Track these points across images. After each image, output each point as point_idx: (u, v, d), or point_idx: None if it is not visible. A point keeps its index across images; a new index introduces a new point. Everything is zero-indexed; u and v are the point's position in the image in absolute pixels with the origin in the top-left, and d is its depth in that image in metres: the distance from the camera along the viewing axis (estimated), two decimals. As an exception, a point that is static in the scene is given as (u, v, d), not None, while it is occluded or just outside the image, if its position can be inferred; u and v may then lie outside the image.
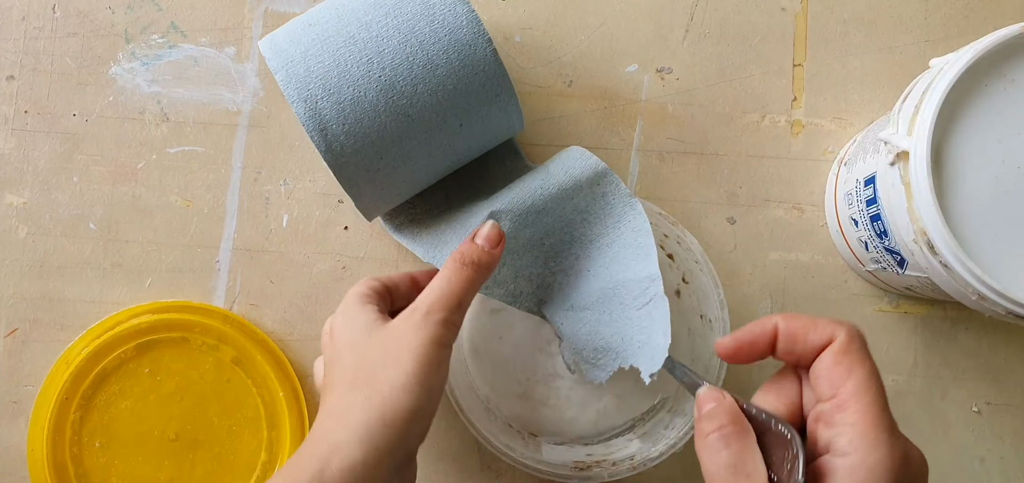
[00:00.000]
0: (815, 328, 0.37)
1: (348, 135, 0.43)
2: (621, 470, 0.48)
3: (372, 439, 0.37)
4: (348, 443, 0.37)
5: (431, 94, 0.43)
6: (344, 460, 0.36)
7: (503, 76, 0.44)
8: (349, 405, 0.38)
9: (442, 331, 0.40)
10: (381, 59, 0.43)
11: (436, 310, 0.40)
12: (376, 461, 0.37)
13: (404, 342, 0.39)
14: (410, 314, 0.40)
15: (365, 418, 0.37)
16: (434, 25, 0.43)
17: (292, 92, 0.42)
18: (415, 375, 0.38)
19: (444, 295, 0.41)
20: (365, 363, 0.40)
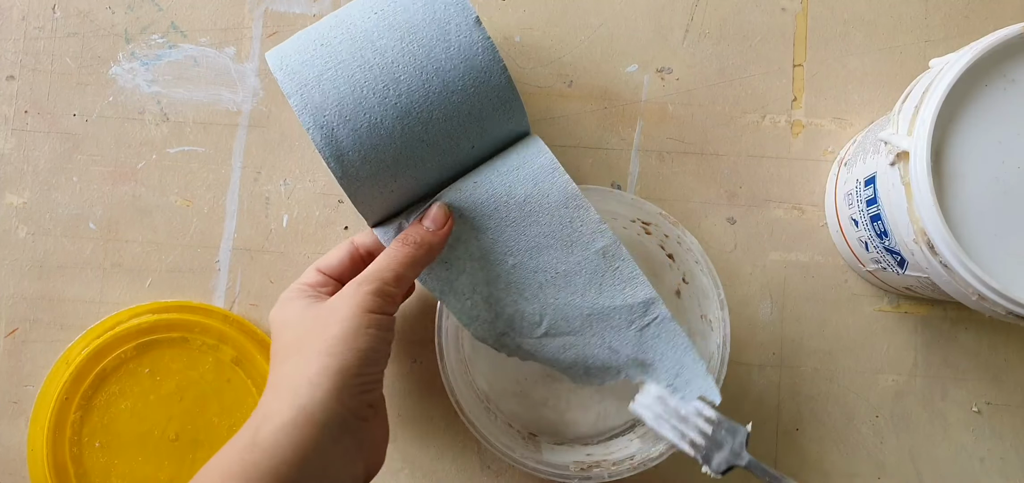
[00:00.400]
0: None
1: (364, 161, 0.42)
2: (621, 470, 0.48)
3: (298, 400, 0.38)
4: (278, 411, 0.38)
5: (446, 120, 0.43)
6: (275, 422, 0.38)
7: (516, 99, 0.44)
8: (281, 376, 0.40)
9: (371, 299, 0.41)
10: (397, 86, 0.42)
11: (367, 281, 0.42)
12: (305, 420, 0.38)
13: (335, 309, 0.41)
14: (349, 286, 0.42)
15: (293, 383, 0.39)
16: (450, 51, 0.43)
17: (307, 118, 0.42)
18: (339, 337, 0.40)
19: (381, 269, 0.42)
20: (300, 334, 0.42)
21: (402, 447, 0.53)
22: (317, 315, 0.42)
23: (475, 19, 0.43)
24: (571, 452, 0.50)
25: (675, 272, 0.52)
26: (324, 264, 0.47)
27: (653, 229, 0.51)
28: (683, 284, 0.52)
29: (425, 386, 0.54)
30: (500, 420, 0.51)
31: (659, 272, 0.52)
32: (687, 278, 0.51)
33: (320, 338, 0.40)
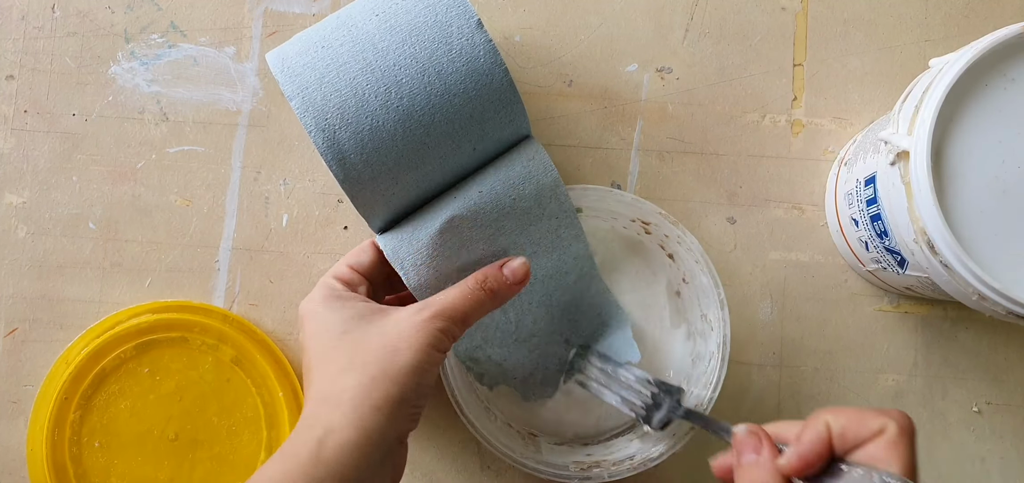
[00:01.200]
0: (864, 422, 0.37)
1: (366, 164, 0.42)
2: (621, 470, 0.48)
3: (363, 422, 0.39)
4: (342, 426, 0.39)
5: (448, 123, 0.43)
6: (338, 440, 0.38)
7: (517, 102, 0.44)
8: (341, 390, 0.40)
9: (440, 337, 0.42)
10: (399, 88, 0.42)
11: (441, 317, 0.42)
12: (367, 442, 0.39)
13: (404, 337, 0.41)
14: (417, 311, 0.42)
15: (358, 402, 0.39)
16: (452, 54, 0.43)
17: (309, 121, 0.42)
18: (409, 369, 0.40)
19: (454, 308, 0.42)
20: (360, 349, 0.41)
21: (402, 447, 0.53)
22: (383, 331, 0.41)
23: (477, 22, 0.43)
24: (571, 452, 0.50)
25: (675, 272, 0.52)
26: (354, 261, 0.46)
27: (653, 229, 0.51)
28: (683, 284, 0.52)
29: (425, 386, 0.54)
30: (500, 420, 0.51)
31: (659, 271, 0.52)
32: (687, 278, 0.51)
33: (389, 360, 0.40)
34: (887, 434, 0.36)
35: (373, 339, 0.41)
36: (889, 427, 0.36)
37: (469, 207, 0.45)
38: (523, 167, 0.46)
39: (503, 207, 0.46)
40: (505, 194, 0.45)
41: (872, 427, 0.36)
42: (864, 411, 0.37)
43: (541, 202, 0.46)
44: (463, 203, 0.45)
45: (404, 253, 0.44)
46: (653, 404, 0.47)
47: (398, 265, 0.44)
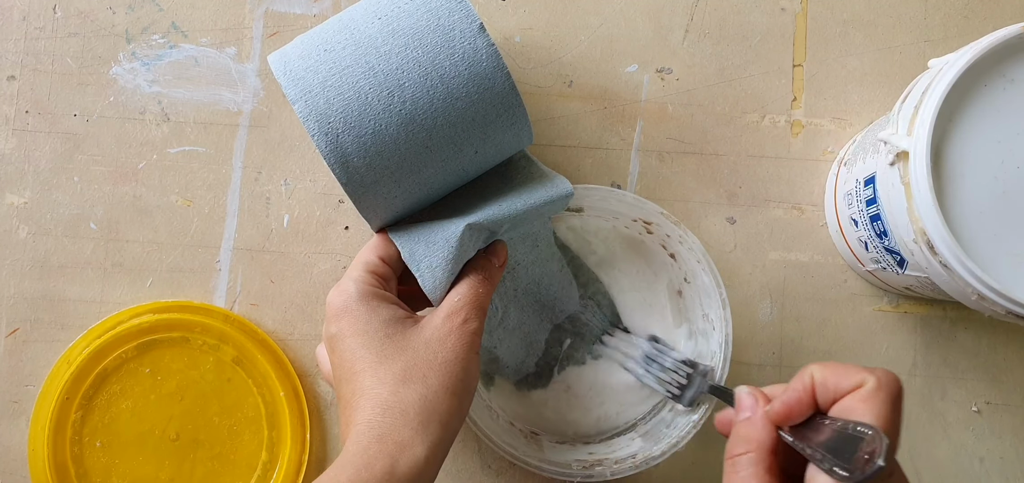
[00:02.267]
0: (846, 375, 0.38)
1: (369, 168, 0.42)
2: (623, 469, 0.48)
3: (430, 437, 0.39)
4: (412, 442, 0.39)
5: (450, 127, 0.43)
6: (411, 458, 0.39)
7: (519, 105, 0.44)
8: (406, 403, 0.40)
9: (476, 339, 0.43)
10: (402, 92, 0.42)
11: (473, 319, 0.43)
12: (435, 458, 0.40)
13: (449, 345, 0.42)
14: (448, 318, 0.43)
15: (424, 417, 0.40)
16: (454, 58, 0.43)
17: (313, 125, 0.42)
18: (461, 379, 0.41)
19: (477, 304, 0.43)
20: (416, 360, 0.41)
21: (403, 447, 0.53)
22: (426, 341, 0.42)
23: (479, 26, 0.43)
24: (573, 451, 0.50)
25: (677, 271, 0.52)
26: (384, 254, 0.45)
27: (655, 228, 0.51)
28: (685, 283, 0.52)
29: (425, 386, 0.54)
30: (502, 419, 0.51)
31: (661, 271, 0.52)
32: (689, 278, 0.51)
33: (443, 372, 0.41)
34: (865, 388, 0.37)
35: (421, 349, 0.42)
36: (868, 381, 0.37)
37: (488, 217, 0.45)
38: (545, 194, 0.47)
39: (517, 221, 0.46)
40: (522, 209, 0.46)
41: (853, 380, 0.37)
42: (849, 366, 0.38)
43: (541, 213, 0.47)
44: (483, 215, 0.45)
45: (420, 255, 0.45)
46: (687, 384, 0.49)
47: (414, 267, 0.45)
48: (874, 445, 0.34)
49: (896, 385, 0.37)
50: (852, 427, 0.35)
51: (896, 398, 0.37)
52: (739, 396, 0.41)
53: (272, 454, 0.52)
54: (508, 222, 0.46)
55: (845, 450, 0.35)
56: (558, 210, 0.48)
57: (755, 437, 0.39)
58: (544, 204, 0.46)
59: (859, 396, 0.37)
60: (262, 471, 0.52)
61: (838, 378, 0.38)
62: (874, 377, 0.37)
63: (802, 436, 0.38)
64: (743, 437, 0.39)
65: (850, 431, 0.35)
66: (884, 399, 0.37)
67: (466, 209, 0.46)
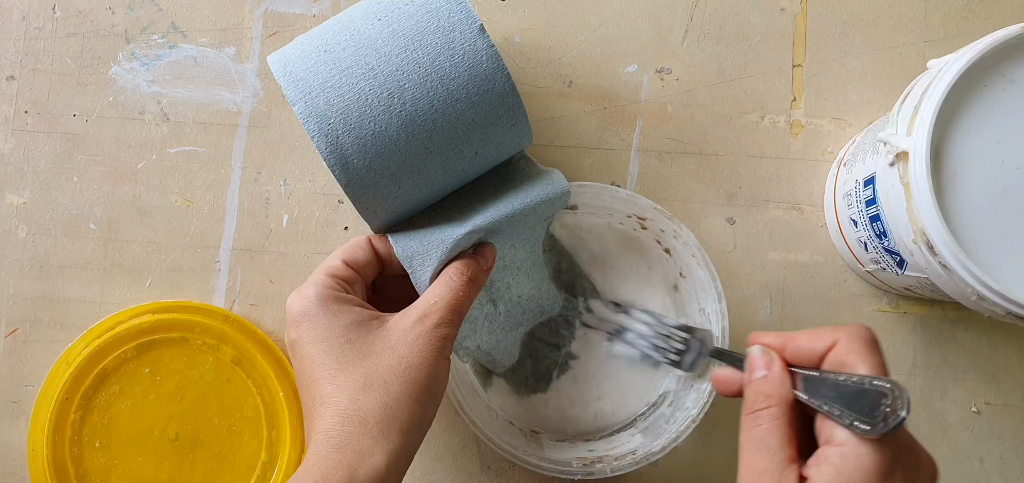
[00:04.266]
0: (816, 337, 0.40)
1: (369, 169, 0.42)
2: (623, 465, 0.48)
3: (390, 446, 0.39)
4: (371, 451, 0.39)
5: (450, 127, 0.43)
6: (370, 467, 0.38)
7: (519, 106, 0.44)
8: (365, 411, 0.39)
9: (447, 345, 0.42)
10: (402, 93, 0.42)
11: (445, 323, 0.42)
12: (396, 466, 0.39)
13: (415, 350, 0.41)
14: (418, 320, 0.42)
15: (384, 425, 0.39)
16: (455, 59, 0.43)
17: (313, 126, 0.42)
18: (426, 386, 0.41)
19: (451, 307, 0.43)
20: (377, 366, 0.41)
21: (402, 447, 0.53)
22: (391, 346, 0.41)
23: (480, 27, 0.43)
24: (573, 448, 0.50)
25: (672, 266, 0.52)
26: (349, 258, 0.45)
27: (649, 224, 0.51)
28: (680, 278, 0.52)
29: (425, 386, 0.54)
30: (502, 419, 0.51)
31: (656, 266, 0.52)
32: (684, 272, 0.51)
33: (406, 378, 0.40)
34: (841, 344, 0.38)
35: (384, 354, 0.41)
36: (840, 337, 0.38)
37: (487, 221, 0.45)
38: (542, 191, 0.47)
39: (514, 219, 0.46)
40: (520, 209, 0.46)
41: (824, 341, 0.39)
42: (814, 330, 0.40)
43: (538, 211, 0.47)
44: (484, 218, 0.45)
45: (417, 259, 0.45)
46: (685, 348, 0.49)
47: (410, 270, 0.45)
48: (895, 396, 0.34)
49: (869, 332, 0.39)
50: (868, 381, 0.36)
51: (875, 343, 0.39)
52: (753, 355, 0.41)
53: (272, 454, 0.52)
54: (507, 224, 0.46)
55: (861, 404, 0.36)
56: (557, 209, 0.48)
57: (776, 393, 0.39)
58: (541, 203, 0.46)
59: (843, 352, 0.38)
60: (261, 471, 0.52)
61: (811, 341, 0.39)
62: (844, 332, 0.39)
63: (814, 393, 0.38)
64: (764, 393, 0.39)
65: (866, 385, 0.36)
66: (869, 348, 0.38)
67: (465, 210, 0.46)
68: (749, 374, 0.41)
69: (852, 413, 0.36)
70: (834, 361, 0.38)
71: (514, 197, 0.46)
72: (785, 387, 0.39)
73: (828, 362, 0.39)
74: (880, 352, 0.38)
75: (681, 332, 0.50)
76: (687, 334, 0.50)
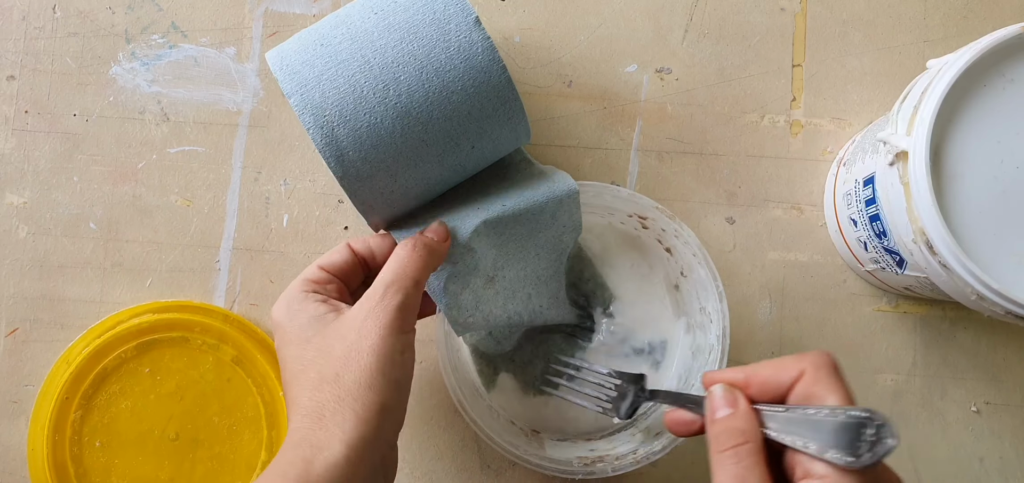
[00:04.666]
0: (781, 368, 0.39)
1: (364, 161, 0.42)
2: (624, 464, 0.48)
3: (347, 435, 0.38)
4: (328, 443, 0.38)
5: (446, 120, 0.43)
6: (327, 459, 0.37)
7: (516, 99, 0.44)
8: (321, 405, 0.39)
9: (399, 316, 0.41)
10: (397, 86, 0.42)
11: (392, 291, 0.41)
12: (356, 456, 0.38)
13: (363, 332, 0.40)
14: (367, 299, 0.41)
15: (339, 417, 0.38)
16: (450, 52, 0.43)
17: (308, 118, 0.42)
18: (378, 370, 0.39)
19: (398, 275, 0.42)
20: (330, 358, 0.40)
21: (402, 446, 0.53)
22: (342, 335, 0.41)
23: (475, 19, 0.43)
24: (574, 448, 0.50)
25: (673, 265, 0.52)
26: (325, 262, 0.45)
27: (650, 223, 0.51)
28: (681, 277, 0.52)
29: (425, 386, 0.54)
30: (503, 418, 0.51)
31: (657, 265, 0.52)
32: (685, 271, 0.51)
33: (356, 366, 0.39)
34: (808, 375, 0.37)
35: (336, 345, 0.40)
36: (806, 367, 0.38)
37: (492, 214, 0.45)
38: (547, 189, 0.47)
39: (521, 219, 0.46)
40: (527, 209, 0.46)
41: (791, 372, 0.38)
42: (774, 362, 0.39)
43: (557, 215, 0.48)
44: (487, 212, 0.46)
45: None
46: (618, 395, 0.48)
47: None
48: (879, 425, 0.34)
49: (832, 358, 0.38)
50: (844, 413, 0.35)
51: (839, 369, 0.38)
52: (715, 394, 0.40)
53: (272, 454, 0.52)
54: (512, 222, 0.46)
55: (840, 437, 0.35)
56: (573, 212, 0.48)
57: (748, 429, 0.38)
58: (548, 201, 0.46)
59: (808, 382, 0.37)
60: (262, 471, 0.52)
61: (776, 373, 0.39)
62: (809, 361, 0.38)
63: (785, 430, 0.37)
64: (737, 430, 0.38)
65: (842, 418, 0.35)
66: (835, 376, 0.37)
67: (465, 207, 0.46)
68: (711, 413, 0.39)
69: (830, 447, 0.35)
70: (801, 394, 0.38)
71: (517, 195, 0.47)
72: (755, 424, 0.38)
73: (795, 395, 0.38)
74: (844, 377, 0.38)
75: (612, 379, 0.49)
76: (618, 380, 0.48)
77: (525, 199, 0.46)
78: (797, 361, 0.38)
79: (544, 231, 0.48)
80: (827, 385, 0.37)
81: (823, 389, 0.37)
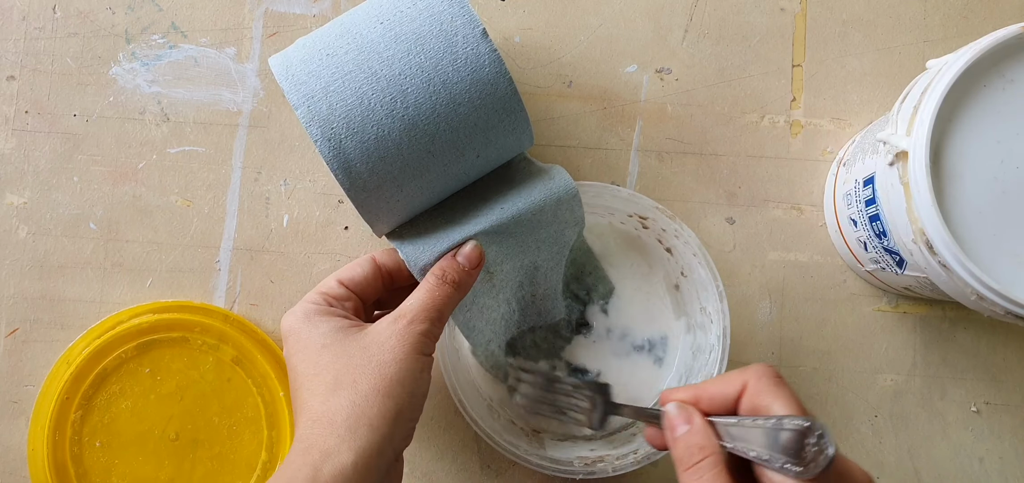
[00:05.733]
0: (726, 382, 0.40)
1: (371, 173, 0.42)
2: (625, 465, 0.48)
3: (358, 443, 0.38)
4: (338, 449, 0.38)
5: (453, 131, 0.43)
6: (335, 465, 0.38)
7: (521, 110, 0.44)
8: (333, 411, 0.39)
9: (423, 341, 0.41)
10: (405, 98, 0.42)
11: (419, 320, 0.42)
12: (365, 464, 0.38)
13: (387, 347, 0.41)
14: (393, 321, 0.42)
15: (352, 423, 0.39)
16: (457, 64, 0.43)
17: (315, 130, 0.42)
18: (397, 380, 0.40)
19: (426, 307, 0.42)
20: (348, 366, 0.40)
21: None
22: (364, 346, 0.41)
23: (482, 31, 0.43)
24: (575, 448, 0.50)
25: (673, 265, 0.52)
26: (345, 277, 0.45)
27: (651, 223, 0.51)
28: (681, 277, 0.52)
29: (425, 386, 0.54)
30: (503, 418, 0.51)
31: (657, 266, 0.53)
32: (685, 272, 0.51)
33: (376, 374, 0.40)
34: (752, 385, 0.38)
35: (357, 354, 0.41)
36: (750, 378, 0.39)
37: (492, 222, 0.46)
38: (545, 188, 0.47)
39: (522, 220, 0.47)
40: (527, 210, 0.46)
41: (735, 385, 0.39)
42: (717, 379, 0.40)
43: (557, 213, 0.48)
44: (487, 220, 0.46)
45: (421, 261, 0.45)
46: (590, 406, 0.48)
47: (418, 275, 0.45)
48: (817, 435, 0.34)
49: (773, 370, 0.39)
50: (786, 421, 0.36)
51: (781, 379, 0.39)
52: (670, 413, 0.41)
53: (272, 454, 0.52)
54: (514, 226, 0.46)
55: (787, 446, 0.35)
56: (575, 211, 0.48)
57: (708, 444, 0.38)
58: (547, 201, 0.46)
59: (751, 394, 0.38)
60: (262, 471, 0.52)
61: (721, 387, 0.40)
62: (751, 373, 0.39)
63: (739, 440, 0.38)
64: (697, 445, 0.39)
65: (784, 426, 0.36)
66: (777, 384, 0.38)
67: (469, 211, 0.46)
68: (671, 432, 0.40)
69: (781, 456, 0.35)
70: (748, 406, 0.38)
71: (517, 197, 0.47)
72: (711, 438, 0.39)
73: (743, 407, 0.39)
74: (788, 386, 0.38)
75: (582, 389, 0.48)
76: (588, 391, 0.48)
77: (525, 200, 0.46)
78: (740, 374, 0.39)
79: (545, 227, 0.48)
80: (772, 394, 0.38)
81: (769, 398, 0.38)
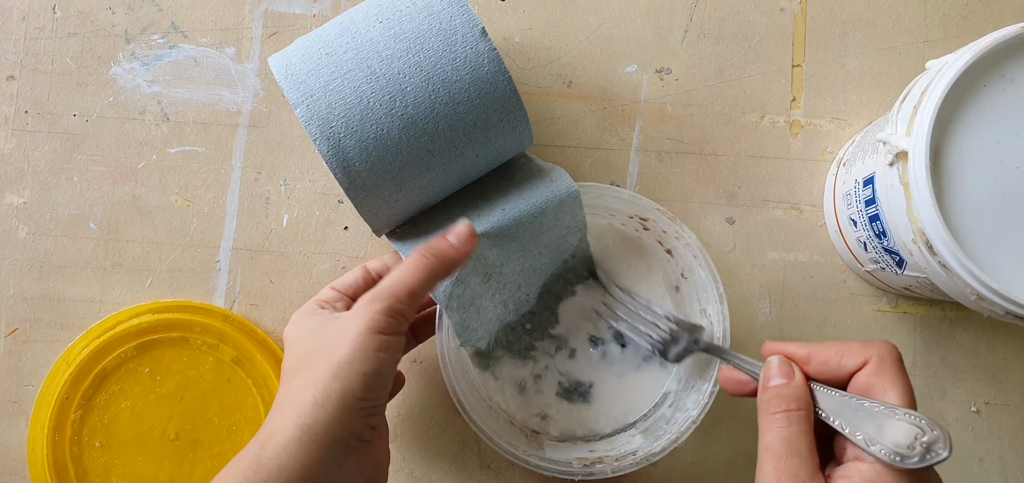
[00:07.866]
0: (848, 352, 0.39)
1: (371, 172, 0.42)
2: (624, 466, 0.48)
3: (303, 420, 0.39)
4: (284, 427, 0.39)
5: (452, 130, 0.43)
6: (279, 441, 0.38)
7: (520, 109, 0.44)
8: (289, 393, 0.40)
9: (381, 319, 0.41)
10: (404, 97, 0.42)
11: (380, 299, 0.41)
12: (310, 440, 0.38)
13: (344, 329, 0.41)
14: (359, 303, 0.42)
15: (298, 402, 0.39)
16: (457, 63, 0.43)
17: (314, 129, 0.42)
18: (347, 360, 0.40)
19: (393, 285, 0.42)
20: (310, 352, 0.42)
21: (402, 446, 0.53)
22: (328, 333, 0.42)
23: (481, 30, 0.43)
24: (574, 449, 0.50)
25: (674, 267, 0.52)
26: (337, 283, 0.47)
27: (651, 225, 0.51)
28: (682, 279, 0.52)
29: (425, 386, 0.54)
30: (502, 418, 0.51)
31: (657, 267, 0.52)
32: (686, 273, 0.51)
33: (328, 358, 0.40)
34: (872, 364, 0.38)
35: (320, 339, 0.42)
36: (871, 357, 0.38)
37: (493, 224, 0.46)
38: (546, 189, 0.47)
39: (523, 222, 0.47)
40: (528, 212, 0.46)
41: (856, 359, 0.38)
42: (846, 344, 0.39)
43: (559, 216, 0.48)
44: (488, 222, 0.46)
45: None
46: (671, 339, 0.49)
47: None
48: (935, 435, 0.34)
49: (897, 352, 0.38)
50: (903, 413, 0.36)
51: (902, 365, 0.38)
52: (772, 364, 0.40)
53: (271, 454, 0.52)
54: (515, 227, 0.46)
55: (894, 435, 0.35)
56: (574, 213, 0.48)
57: (801, 398, 0.38)
58: (548, 204, 0.46)
59: (871, 372, 0.38)
60: (261, 471, 0.52)
61: (838, 356, 0.39)
62: (874, 351, 0.38)
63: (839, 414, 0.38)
64: (790, 396, 0.39)
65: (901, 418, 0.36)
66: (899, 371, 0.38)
67: (469, 212, 0.46)
68: (766, 381, 0.40)
69: (880, 441, 0.35)
70: (863, 384, 0.38)
71: (519, 198, 0.47)
72: (808, 397, 0.39)
73: (856, 384, 0.38)
74: (906, 374, 0.38)
75: (670, 323, 0.49)
76: (674, 325, 0.49)
77: (527, 202, 0.46)
78: (863, 348, 0.39)
79: (547, 233, 0.48)
80: (890, 379, 0.37)
81: (886, 382, 0.37)
